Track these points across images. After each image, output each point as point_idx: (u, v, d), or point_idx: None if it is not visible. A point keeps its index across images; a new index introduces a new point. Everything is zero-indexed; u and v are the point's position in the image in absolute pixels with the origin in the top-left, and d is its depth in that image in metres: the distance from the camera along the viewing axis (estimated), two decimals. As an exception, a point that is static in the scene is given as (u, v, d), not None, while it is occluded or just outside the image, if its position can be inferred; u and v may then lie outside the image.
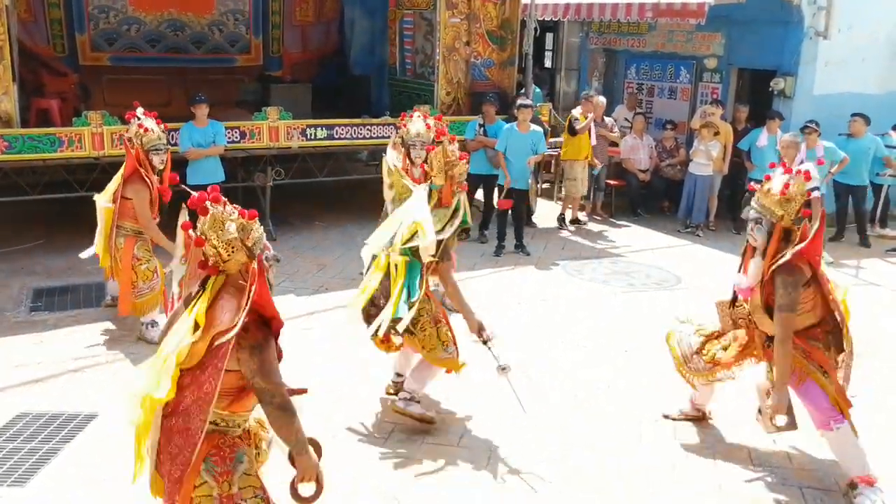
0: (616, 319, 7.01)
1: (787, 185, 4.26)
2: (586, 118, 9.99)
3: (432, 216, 4.69)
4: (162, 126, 6.42)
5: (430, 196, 4.81)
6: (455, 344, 4.92)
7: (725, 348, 4.72)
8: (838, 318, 4.42)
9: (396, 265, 4.75)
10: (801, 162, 7.46)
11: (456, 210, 4.81)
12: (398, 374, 5.33)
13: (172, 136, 8.39)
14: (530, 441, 4.89)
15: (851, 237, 10.07)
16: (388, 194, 4.88)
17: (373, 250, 4.86)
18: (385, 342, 4.95)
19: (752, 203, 4.39)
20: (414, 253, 4.75)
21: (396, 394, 5.12)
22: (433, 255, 4.66)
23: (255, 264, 3.05)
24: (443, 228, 4.74)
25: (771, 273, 4.23)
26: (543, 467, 4.60)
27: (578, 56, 14.61)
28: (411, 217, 4.67)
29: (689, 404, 5.17)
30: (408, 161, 5.83)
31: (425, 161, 4.89)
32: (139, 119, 6.33)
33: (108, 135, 8.24)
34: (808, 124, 9.10)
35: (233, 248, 3.04)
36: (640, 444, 4.93)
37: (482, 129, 9.51)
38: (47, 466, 4.50)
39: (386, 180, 4.88)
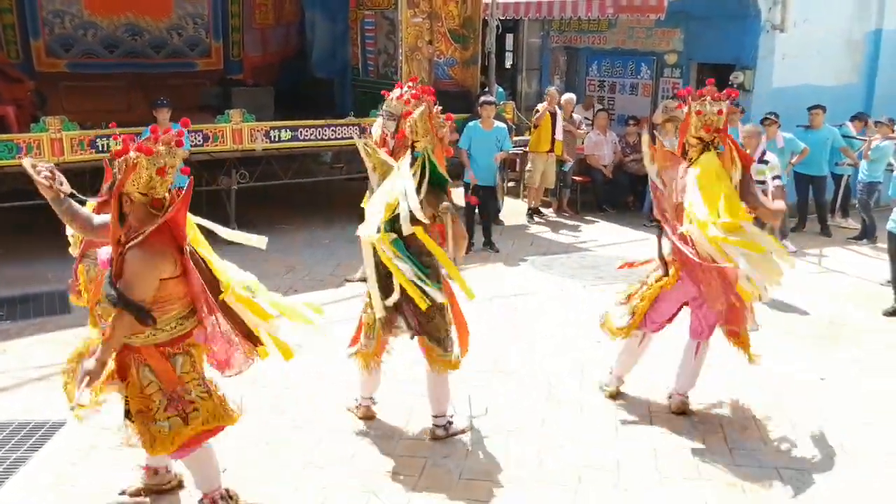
0: (586, 312, 7.03)
1: None
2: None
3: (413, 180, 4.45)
4: None
5: (413, 164, 4.49)
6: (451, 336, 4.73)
7: (642, 297, 5.05)
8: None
9: (381, 245, 4.45)
10: (763, 152, 7.59)
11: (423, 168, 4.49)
12: (368, 398, 5.03)
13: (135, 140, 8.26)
14: (507, 434, 4.89)
15: (813, 227, 10.26)
16: (373, 178, 4.69)
17: (368, 235, 4.50)
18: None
19: None
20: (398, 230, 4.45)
21: (368, 418, 5.00)
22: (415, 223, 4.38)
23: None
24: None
25: None
26: (522, 459, 4.61)
27: (539, 56, 14.71)
28: (392, 192, 4.44)
29: (611, 376, 5.42)
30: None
31: (396, 131, 4.64)
32: None
33: (68, 140, 8.07)
34: (768, 116, 9.26)
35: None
36: (617, 433, 4.96)
37: None
38: (16, 475, 4.38)
39: (367, 163, 4.70)
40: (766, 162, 7.49)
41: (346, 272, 8.06)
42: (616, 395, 5.41)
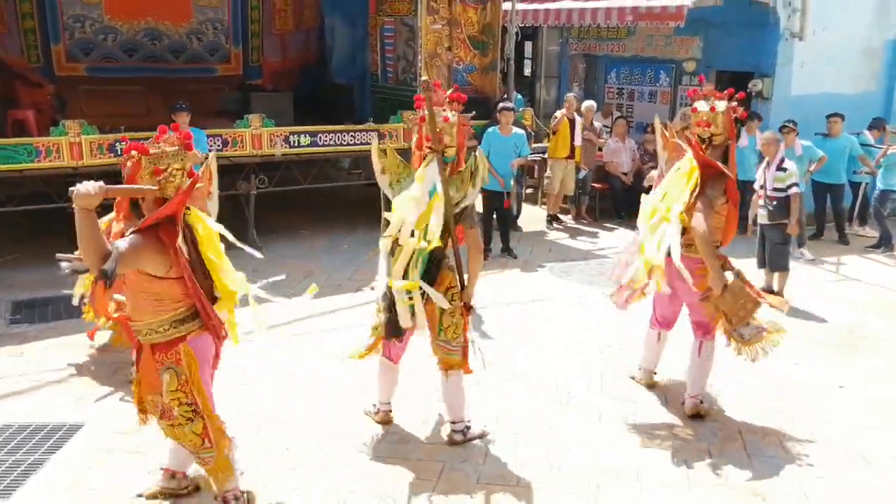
0: (605, 318, 6.99)
1: None
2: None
3: (452, 189, 4.41)
4: None
5: (445, 168, 4.45)
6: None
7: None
8: None
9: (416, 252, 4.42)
10: (782, 160, 7.53)
11: (475, 169, 4.49)
12: (386, 403, 5.01)
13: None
14: (526, 439, 4.85)
15: (831, 235, 10.15)
16: (382, 181, 4.66)
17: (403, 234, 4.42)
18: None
19: None
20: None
21: (385, 423, 4.97)
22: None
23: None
24: (465, 195, 4.48)
25: None
26: (541, 464, 4.57)
27: (558, 63, 14.69)
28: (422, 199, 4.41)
29: (641, 371, 5.60)
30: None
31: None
32: None
33: (87, 144, 8.10)
34: (787, 124, 9.19)
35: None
36: (636, 439, 4.90)
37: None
38: (33, 478, 4.38)
39: (377, 165, 4.66)
40: (785, 170, 7.44)
41: (365, 277, 8.04)
42: (652, 385, 5.56)
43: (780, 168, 7.44)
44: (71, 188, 3.10)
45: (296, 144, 9.24)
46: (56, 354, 6.08)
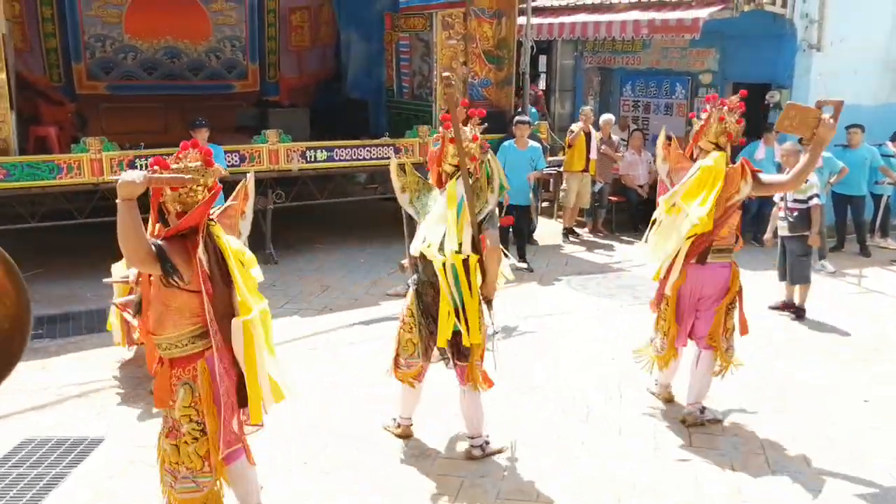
0: (623, 332, 6.97)
1: None
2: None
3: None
4: None
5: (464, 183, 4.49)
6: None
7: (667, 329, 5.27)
8: None
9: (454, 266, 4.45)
10: None
11: (489, 175, 4.56)
12: (407, 418, 5.01)
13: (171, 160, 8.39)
14: (545, 455, 4.82)
15: (852, 247, 10.07)
16: (402, 199, 4.69)
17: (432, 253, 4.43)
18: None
19: None
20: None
21: (406, 437, 4.97)
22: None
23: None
24: (486, 202, 4.53)
25: None
26: (560, 480, 4.54)
27: (572, 77, 14.70)
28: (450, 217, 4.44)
29: (658, 386, 5.60)
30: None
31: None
32: None
33: (108, 161, 8.19)
34: None
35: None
36: (657, 454, 4.86)
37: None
38: (55, 491, 4.41)
39: (396, 184, 4.70)
40: (806, 181, 7.39)
41: (381, 291, 8.07)
42: (670, 400, 5.54)
43: None
44: (115, 178, 3.11)
45: (312, 159, 9.30)
46: (77, 369, 6.13)
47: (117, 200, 3.11)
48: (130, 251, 3.18)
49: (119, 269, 5.67)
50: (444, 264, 4.39)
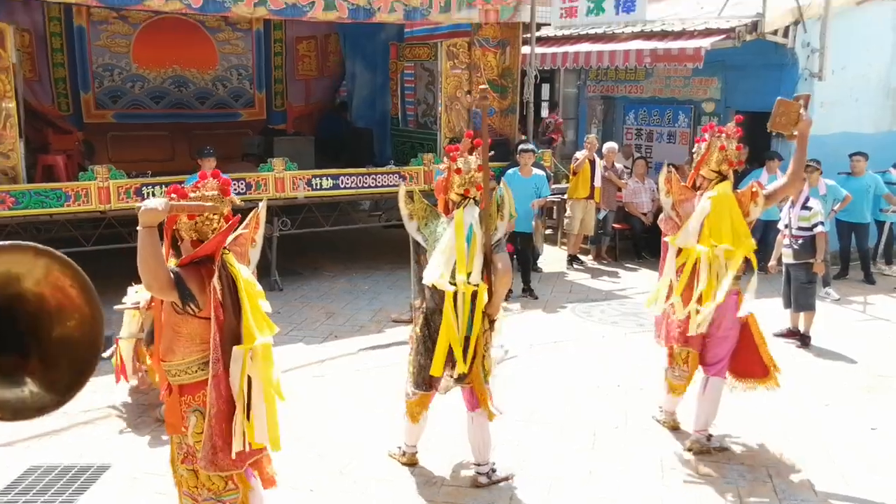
0: (629, 359, 6.96)
1: None
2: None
3: (480, 221, 4.51)
4: None
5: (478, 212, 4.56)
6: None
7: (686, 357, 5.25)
8: None
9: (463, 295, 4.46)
10: (807, 199, 7.53)
11: (500, 203, 4.62)
12: (412, 446, 5.01)
13: (178, 188, 8.45)
14: (550, 483, 4.80)
15: (856, 274, 10.07)
16: (411, 226, 4.72)
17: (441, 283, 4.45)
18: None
19: None
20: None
21: (411, 464, 4.96)
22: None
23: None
24: (496, 229, 4.59)
25: None
26: (567, 508, 4.52)
27: (575, 105, 14.82)
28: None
29: (663, 413, 5.59)
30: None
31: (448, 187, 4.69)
32: None
33: (115, 188, 8.26)
34: (810, 163, 9.15)
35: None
36: (663, 481, 4.84)
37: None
38: (61, 519, 4.40)
39: (404, 211, 4.74)
40: (810, 209, 7.44)
41: (386, 318, 8.08)
42: (676, 427, 5.51)
43: (804, 207, 7.45)
44: (137, 205, 3.15)
45: (318, 187, 9.36)
46: (83, 395, 6.05)
47: (138, 227, 3.15)
48: (150, 277, 3.21)
49: (131, 296, 5.70)
50: (455, 294, 4.40)
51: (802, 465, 5.02)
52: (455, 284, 4.41)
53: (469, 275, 4.43)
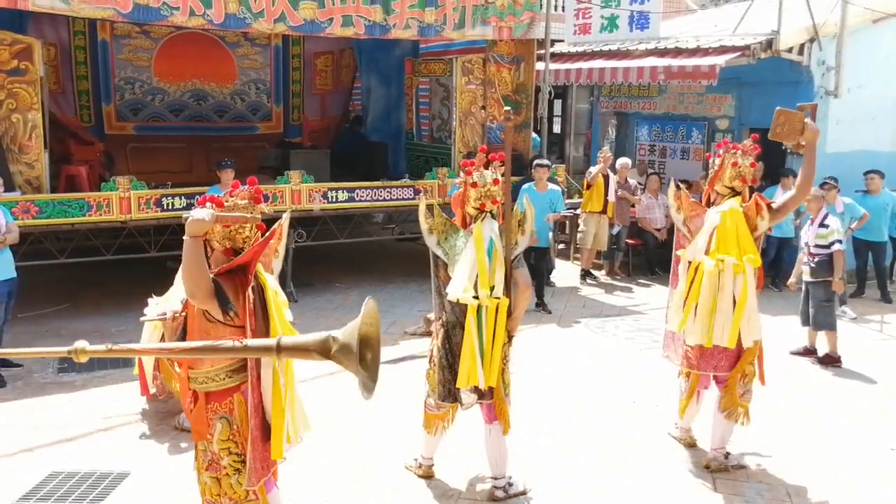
0: (643, 376, 6.98)
1: None
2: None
3: (500, 235, 4.59)
4: None
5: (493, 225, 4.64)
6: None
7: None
8: None
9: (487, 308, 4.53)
10: (825, 216, 7.54)
11: (523, 218, 4.68)
12: (429, 458, 5.04)
13: (197, 199, 8.55)
14: (566, 497, 4.82)
15: (873, 293, 10.04)
16: (430, 240, 4.78)
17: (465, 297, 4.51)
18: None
19: None
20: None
21: (427, 477, 5.00)
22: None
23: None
24: (516, 243, 4.65)
25: None
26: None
27: (588, 121, 14.90)
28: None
29: (678, 430, 5.60)
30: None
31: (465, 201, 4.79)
32: None
33: (136, 199, 8.38)
34: (827, 181, 9.20)
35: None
36: (680, 500, 4.85)
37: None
38: (83, 524, 4.46)
39: (424, 226, 4.81)
40: (827, 226, 7.44)
41: (400, 331, 8.14)
42: (691, 444, 5.52)
43: (822, 225, 7.46)
44: (185, 214, 3.21)
45: (334, 200, 9.46)
46: (103, 403, 6.21)
47: (185, 237, 3.22)
48: (194, 286, 3.27)
49: (152, 307, 5.76)
50: (477, 308, 4.45)
51: (821, 485, 5.02)
52: (478, 298, 4.46)
53: (492, 289, 4.48)
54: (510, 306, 4.59)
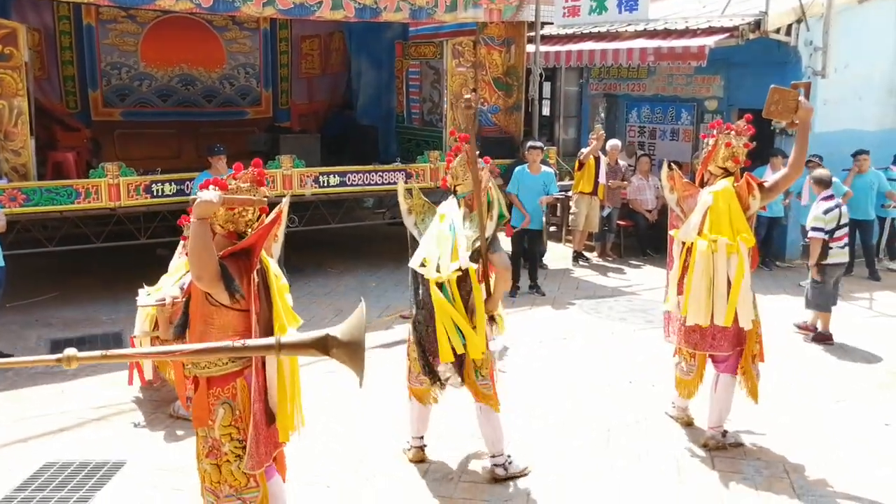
0: (638, 356, 7.01)
1: None
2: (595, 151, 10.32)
3: (466, 224, 4.62)
4: None
5: (458, 205, 4.71)
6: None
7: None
8: None
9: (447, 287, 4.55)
10: (827, 197, 7.57)
11: (490, 203, 4.71)
12: (419, 439, 5.05)
13: (187, 185, 8.49)
14: (565, 480, 4.85)
15: (861, 271, 10.12)
16: (408, 221, 4.87)
17: (428, 273, 4.57)
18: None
19: None
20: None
21: (419, 461, 4.99)
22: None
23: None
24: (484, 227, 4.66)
25: None
26: None
27: (577, 104, 14.86)
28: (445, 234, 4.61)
29: (675, 409, 5.65)
30: None
31: (446, 173, 4.85)
32: None
33: (125, 186, 8.29)
34: (812, 159, 9.25)
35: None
36: (679, 478, 4.88)
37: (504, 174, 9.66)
38: (81, 514, 4.45)
39: (403, 206, 4.88)
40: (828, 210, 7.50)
41: (393, 315, 8.13)
42: (690, 423, 5.55)
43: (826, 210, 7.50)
44: (192, 196, 3.19)
45: (325, 184, 9.41)
46: (96, 392, 6.17)
47: (192, 219, 3.20)
48: (201, 269, 3.25)
49: (143, 297, 5.72)
50: (438, 282, 4.49)
51: (818, 461, 5.06)
52: (438, 271, 4.50)
53: (457, 265, 4.50)
54: (490, 289, 4.67)
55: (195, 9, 8.27)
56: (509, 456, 4.83)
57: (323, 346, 2.79)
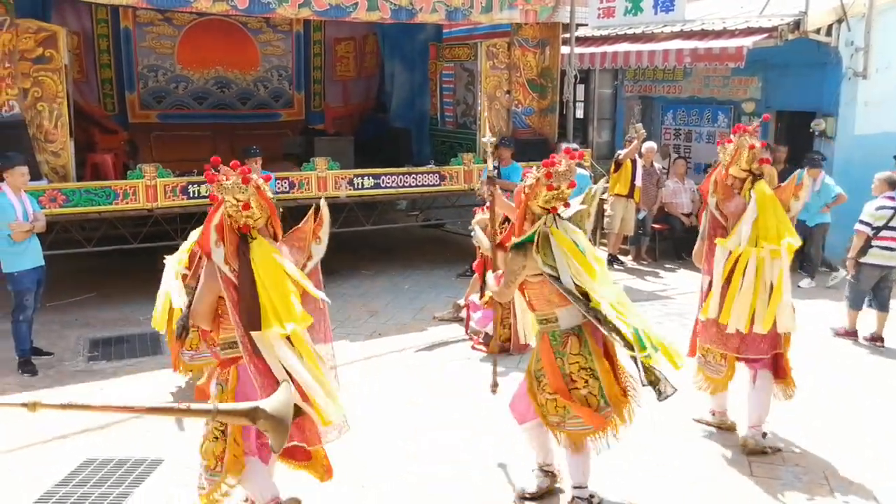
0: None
1: None
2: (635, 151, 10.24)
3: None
4: None
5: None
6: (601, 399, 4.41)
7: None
8: None
9: None
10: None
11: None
12: (543, 467, 4.65)
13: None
14: (607, 489, 4.79)
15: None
16: (545, 268, 4.35)
17: None
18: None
19: None
20: None
21: (537, 498, 4.59)
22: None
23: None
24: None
25: None
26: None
27: (612, 106, 14.75)
28: None
29: (711, 414, 5.55)
30: None
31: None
32: None
33: (161, 187, 8.38)
34: (813, 156, 9.21)
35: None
36: (716, 483, 4.80)
37: (497, 171, 9.56)
38: (121, 510, 4.49)
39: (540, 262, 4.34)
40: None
41: (427, 317, 8.11)
42: (732, 429, 5.45)
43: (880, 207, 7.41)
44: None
45: (360, 186, 9.42)
46: (135, 390, 6.23)
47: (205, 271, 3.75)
48: (201, 321, 3.85)
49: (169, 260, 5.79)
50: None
51: (857, 466, 4.95)
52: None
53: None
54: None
55: (231, 11, 8.33)
56: (594, 494, 4.44)
57: (252, 416, 3.16)
